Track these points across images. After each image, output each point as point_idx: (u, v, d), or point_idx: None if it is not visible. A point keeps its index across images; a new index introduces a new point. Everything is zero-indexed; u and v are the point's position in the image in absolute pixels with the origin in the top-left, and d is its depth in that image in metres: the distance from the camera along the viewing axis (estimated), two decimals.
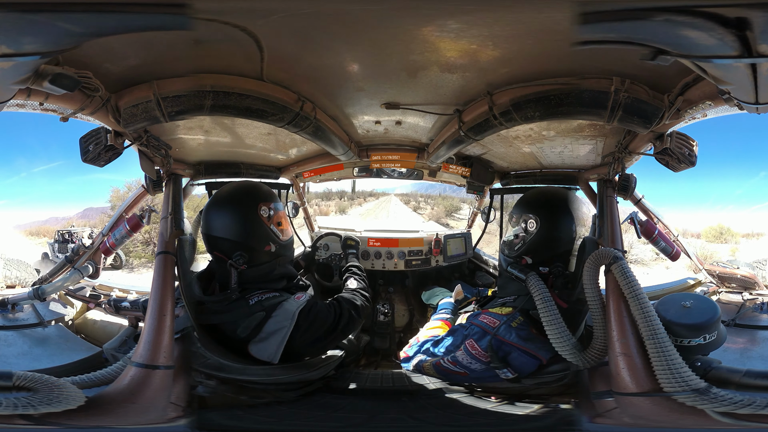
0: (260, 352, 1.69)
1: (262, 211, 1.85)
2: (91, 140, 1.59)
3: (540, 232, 1.83)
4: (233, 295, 1.73)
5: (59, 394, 1.27)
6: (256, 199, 1.86)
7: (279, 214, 1.92)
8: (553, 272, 1.78)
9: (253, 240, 1.82)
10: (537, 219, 1.84)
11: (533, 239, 1.84)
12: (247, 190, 1.92)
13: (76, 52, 1.07)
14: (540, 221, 1.83)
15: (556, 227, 1.83)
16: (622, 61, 1.29)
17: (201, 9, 1.02)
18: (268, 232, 1.86)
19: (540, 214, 1.85)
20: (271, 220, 1.88)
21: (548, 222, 1.83)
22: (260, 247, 1.83)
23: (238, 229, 1.81)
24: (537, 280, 1.66)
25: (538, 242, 1.83)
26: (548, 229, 1.83)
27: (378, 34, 1.23)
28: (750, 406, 1.23)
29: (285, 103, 1.54)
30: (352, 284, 2.09)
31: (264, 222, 1.85)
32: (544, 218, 1.84)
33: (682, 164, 1.62)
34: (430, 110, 1.79)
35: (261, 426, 1.59)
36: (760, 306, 2.25)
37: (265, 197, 1.89)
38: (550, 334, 1.53)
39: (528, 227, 1.85)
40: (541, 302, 1.58)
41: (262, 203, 1.86)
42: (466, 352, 1.69)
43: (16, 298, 2.25)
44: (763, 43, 0.88)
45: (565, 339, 1.52)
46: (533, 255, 1.83)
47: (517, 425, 1.56)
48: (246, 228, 1.82)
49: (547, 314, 1.55)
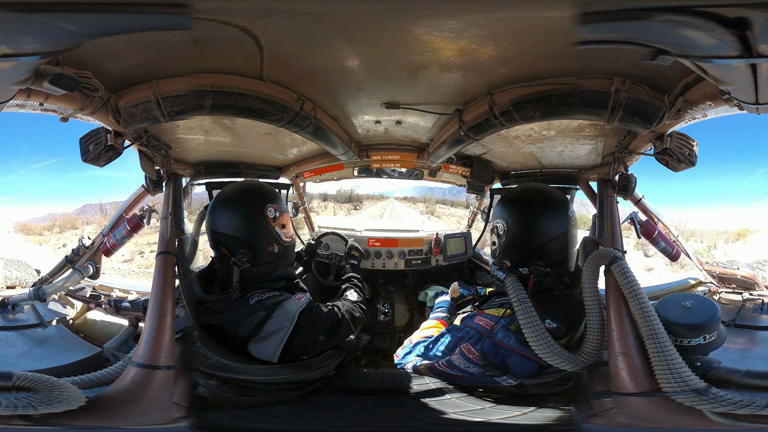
0: (259, 351, 1.70)
1: (269, 212, 1.88)
2: (91, 140, 1.59)
3: (509, 233, 1.83)
4: (234, 295, 1.74)
5: (59, 394, 1.27)
6: (264, 200, 1.89)
7: (284, 216, 1.95)
8: (532, 272, 1.76)
9: (257, 239, 1.84)
10: (504, 222, 1.84)
11: (505, 242, 1.84)
12: (254, 190, 1.95)
13: (76, 52, 1.07)
14: (507, 223, 1.84)
15: (524, 225, 1.82)
16: (622, 61, 1.29)
17: (201, 9, 1.02)
18: (272, 233, 1.88)
19: (505, 216, 1.85)
20: (276, 221, 1.90)
21: (514, 222, 1.83)
22: (264, 246, 1.86)
23: (244, 227, 1.84)
24: (513, 281, 1.66)
25: (510, 244, 1.83)
26: (516, 228, 1.82)
27: (378, 34, 1.23)
28: (750, 406, 1.23)
29: (285, 102, 1.54)
30: (353, 296, 2.12)
31: (269, 222, 1.88)
32: (510, 219, 1.84)
33: (682, 164, 1.62)
34: (431, 110, 1.79)
35: (261, 426, 1.59)
36: (760, 306, 2.25)
37: (271, 198, 1.92)
38: (529, 338, 1.52)
39: (499, 232, 1.86)
40: (517, 302, 1.59)
41: (269, 204, 1.88)
42: (463, 356, 1.67)
43: (16, 298, 2.25)
44: (763, 43, 0.88)
45: (546, 343, 1.50)
46: (510, 257, 1.83)
47: (516, 425, 1.56)
48: (252, 227, 1.84)
49: (522, 314, 1.55)
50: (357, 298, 2.12)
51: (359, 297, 2.14)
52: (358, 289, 2.20)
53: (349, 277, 2.30)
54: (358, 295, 2.15)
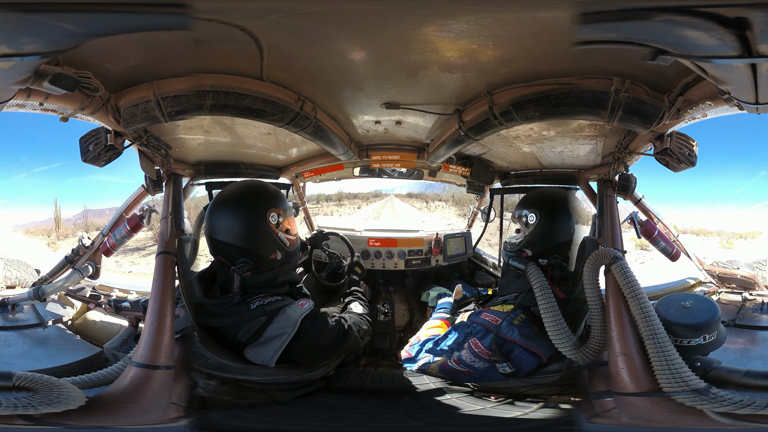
0: (255, 356, 1.65)
1: (271, 217, 1.76)
2: (91, 140, 1.59)
3: (539, 225, 1.92)
4: (234, 299, 1.68)
5: (59, 394, 1.27)
6: (266, 205, 1.76)
7: (288, 220, 1.85)
8: (551, 264, 1.85)
9: (258, 248, 1.74)
10: (536, 213, 1.93)
11: (533, 232, 1.93)
12: (256, 194, 1.80)
13: (76, 52, 1.07)
14: (539, 215, 1.93)
15: (554, 220, 1.92)
16: (622, 61, 1.29)
17: (201, 9, 1.02)
18: (275, 240, 1.77)
19: (539, 209, 1.94)
20: (279, 226, 1.78)
21: (547, 216, 1.92)
22: (266, 254, 1.76)
23: (244, 235, 1.72)
24: (536, 270, 1.72)
25: (537, 235, 1.92)
26: (546, 222, 1.91)
27: (378, 34, 1.23)
28: (750, 406, 1.23)
29: (285, 102, 1.53)
30: (358, 309, 2.06)
31: (272, 229, 1.76)
32: (543, 212, 1.93)
33: (682, 164, 1.62)
34: (430, 110, 1.79)
35: (261, 426, 1.59)
36: (760, 306, 2.25)
37: (274, 202, 1.79)
38: (546, 322, 1.56)
39: (528, 221, 1.95)
40: (539, 290, 1.63)
41: (271, 209, 1.76)
42: (471, 351, 1.72)
43: (16, 298, 2.25)
44: (763, 43, 0.88)
45: (561, 328, 1.54)
46: (533, 247, 1.91)
47: (516, 425, 1.56)
48: (253, 235, 1.73)
49: (544, 302, 1.59)
50: (363, 311, 2.06)
51: (365, 309, 2.09)
52: (362, 302, 2.15)
53: (353, 290, 2.26)
54: (363, 308, 2.09)
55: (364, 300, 2.20)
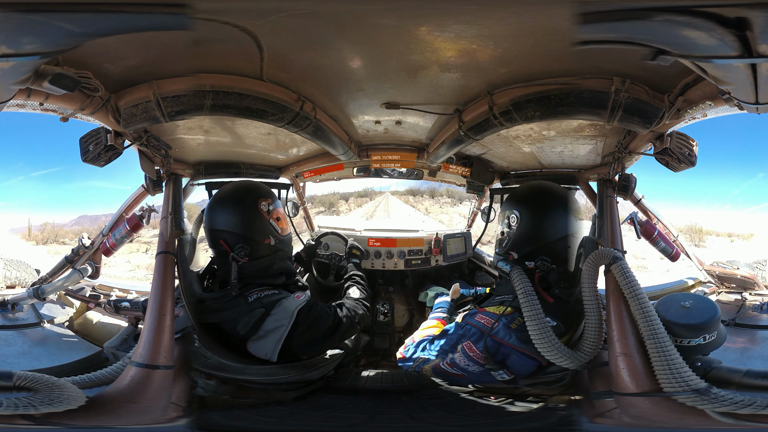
0: (258, 350, 1.71)
1: (262, 206, 1.95)
2: (91, 140, 1.59)
3: (521, 226, 1.83)
4: (233, 292, 1.75)
5: (60, 394, 1.27)
6: (257, 195, 1.96)
7: (278, 210, 2.01)
8: (538, 267, 1.76)
9: (253, 232, 1.90)
10: (518, 214, 1.84)
11: (516, 234, 1.84)
12: (247, 188, 2.02)
13: (76, 52, 1.07)
14: (520, 216, 1.84)
15: (539, 218, 1.82)
16: (622, 61, 1.29)
17: (201, 9, 1.02)
18: (267, 226, 1.94)
19: (520, 209, 1.85)
20: (270, 214, 1.96)
21: (528, 216, 1.83)
22: (260, 239, 1.91)
23: (240, 222, 1.89)
24: (520, 273, 1.67)
25: (520, 236, 1.83)
26: (530, 221, 1.82)
27: (378, 34, 1.23)
28: (750, 406, 1.23)
29: (285, 102, 1.53)
30: (355, 293, 2.15)
31: (264, 216, 1.94)
32: (525, 212, 1.83)
33: (682, 164, 1.62)
34: (430, 110, 1.79)
35: (261, 426, 1.59)
36: (760, 306, 2.25)
37: (264, 194, 1.99)
38: (530, 330, 1.51)
39: (510, 223, 1.86)
40: (523, 296, 1.58)
41: (261, 199, 1.96)
42: (464, 355, 1.67)
43: (16, 298, 2.25)
44: (763, 43, 0.88)
45: (546, 336, 1.50)
46: (518, 249, 1.83)
47: (517, 425, 1.56)
48: (247, 221, 1.90)
49: (527, 308, 1.55)
50: (360, 295, 2.13)
51: (362, 294, 2.15)
52: (361, 286, 2.21)
53: (351, 275, 2.30)
54: (361, 292, 2.16)
55: (362, 284, 2.25)
